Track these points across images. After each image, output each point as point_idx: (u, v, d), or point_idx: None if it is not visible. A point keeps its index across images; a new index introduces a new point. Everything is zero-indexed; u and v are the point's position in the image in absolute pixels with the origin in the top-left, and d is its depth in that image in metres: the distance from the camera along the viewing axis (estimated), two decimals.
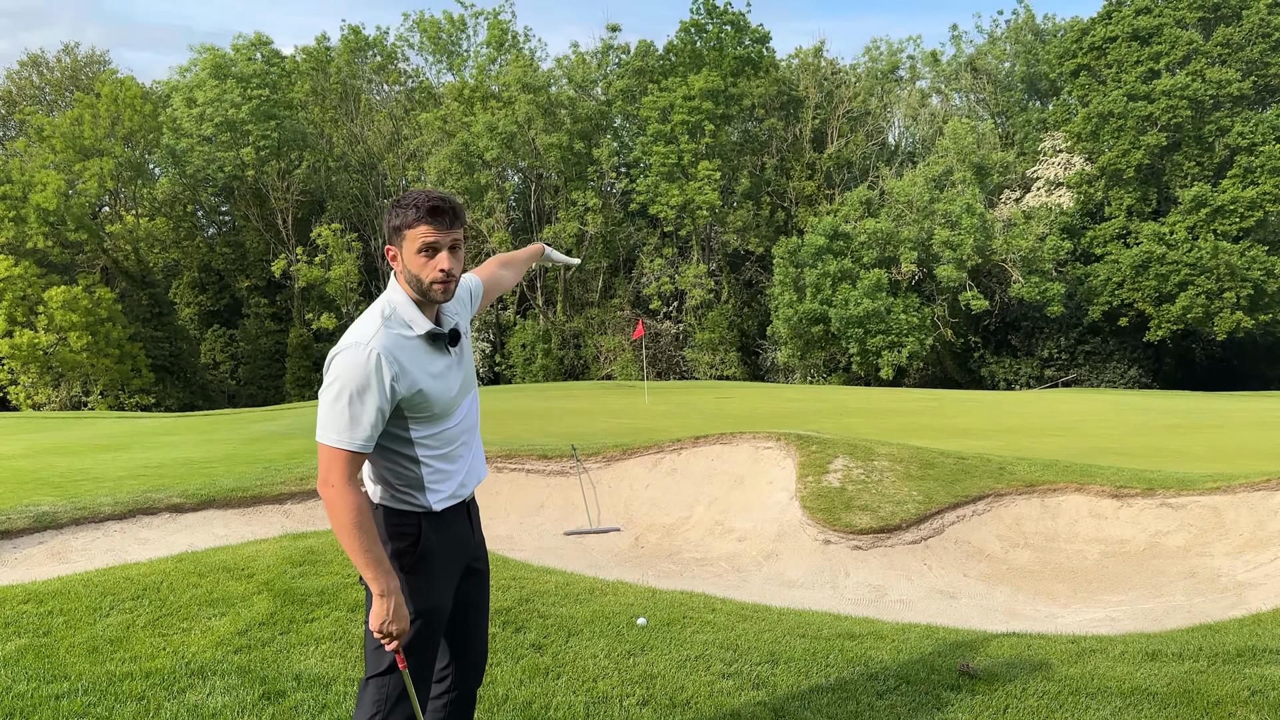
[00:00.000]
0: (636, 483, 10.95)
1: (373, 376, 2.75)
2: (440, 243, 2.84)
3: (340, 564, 6.27)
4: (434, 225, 2.83)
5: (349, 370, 2.75)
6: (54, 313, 40.98)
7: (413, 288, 2.89)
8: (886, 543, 8.78)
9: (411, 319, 2.88)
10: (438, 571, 2.98)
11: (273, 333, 52.16)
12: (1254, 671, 4.61)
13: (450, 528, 3.03)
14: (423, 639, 2.95)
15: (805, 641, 5.20)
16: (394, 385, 2.79)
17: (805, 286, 42.65)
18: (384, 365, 2.77)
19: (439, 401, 2.91)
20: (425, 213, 2.83)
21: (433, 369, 2.90)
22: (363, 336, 2.80)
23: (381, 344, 2.79)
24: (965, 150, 44.01)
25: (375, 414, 2.78)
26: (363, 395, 2.75)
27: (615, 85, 50.32)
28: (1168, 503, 9.11)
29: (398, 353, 2.81)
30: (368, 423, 2.77)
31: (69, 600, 5.50)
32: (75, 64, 54.90)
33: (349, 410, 2.75)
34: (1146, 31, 42.63)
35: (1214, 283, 38.89)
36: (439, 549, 2.99)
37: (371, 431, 2.79)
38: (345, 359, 2.77)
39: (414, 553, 2.93)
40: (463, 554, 3.10)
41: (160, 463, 11.69)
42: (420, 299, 2.90)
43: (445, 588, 3.01)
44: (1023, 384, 43.74)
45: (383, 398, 2.77)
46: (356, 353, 2.76)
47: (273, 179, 51.62)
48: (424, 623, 2.93)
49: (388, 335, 2.82)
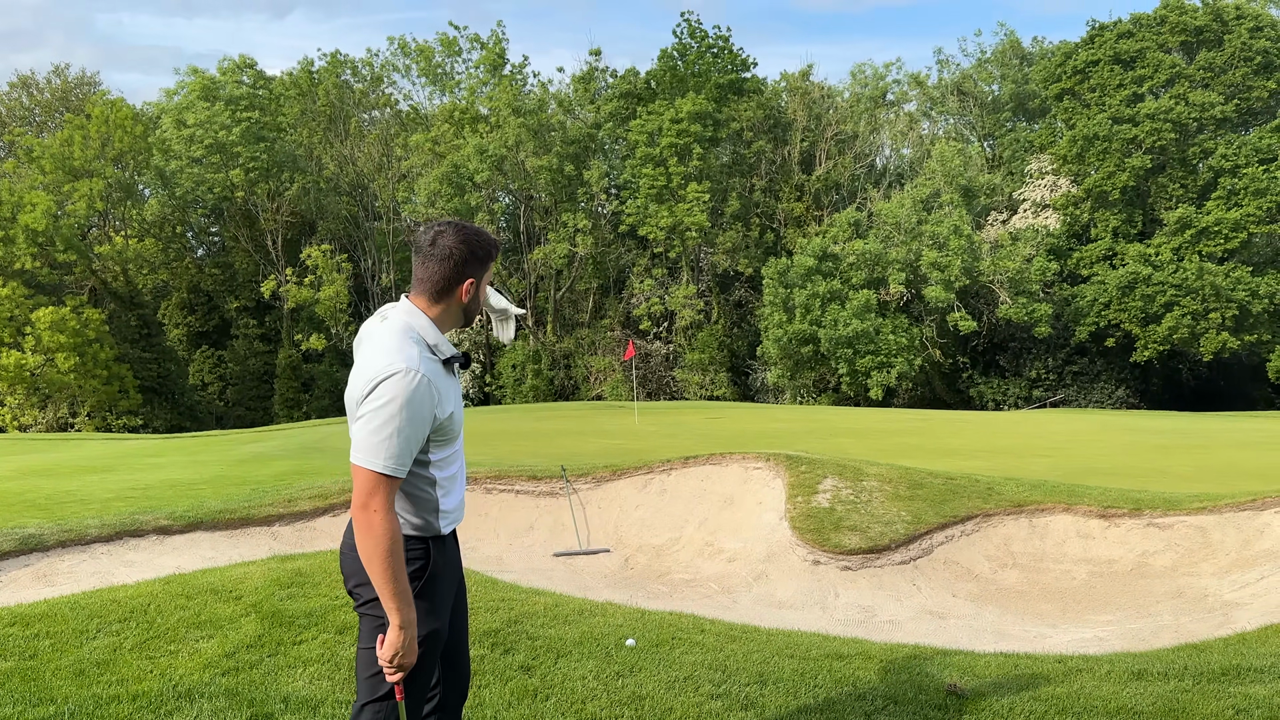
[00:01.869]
0: (626, 503, 10.95)
1: (425, 402, 2.80)
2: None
3: (328, 586, 6.25)
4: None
5: (403, 395, 2.76)
6: (41, 333, 40.74)
7: (466, 315, 3.07)
8: (875, 563, 8.80)
9: (437, 344, 2.96)
10: (442, 594, 3.04)
11: (261, 354, 51.96)
12: (1239, 691, 4.63)
13: (449, 552, 3.12)
14: (425, 664, 2.97)
15: (794, 662, 5.20)
16: (436, 412, 2.86)
17: (794, 307, 42.79)
18: (433, 391, 2.83)
19: (459, 424, 3.03)
20: (498, 250, 3.07)
21: (454, 393, 3.01)
22: (410, 362, 2.80)
23: (427, 370, 2.84)
24: (952, 172, 44.33)
25: (421, 439, 2.84)
26: (414, 421, 2.78)
27: (603, 109, 50.59)
28: (1155, 523, 9.16)
29: (438, 378, 2.89)
30: (415, 448, 2.82)
31: (55, 623, 5.47)
32: (65, 85, 54.91)
33: (399, 436, 2.76)
34: (1129, 55, 43.11)
35: (1199, 304, 39.18)
36: (443, 572, 3.05)
37: (411, 457, 2.83)
38: (396, 385, 2.76)
39: (423, 577, 2.96)
40: (457, 574, 3.19)
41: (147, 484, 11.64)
42: (448, 326, 3.05)
43: (446, 610, 3.07)
44: (1011, 404, 43.89)
45: (428, 423, 2.84)
46: (409, 379, 2.77)
47: (262, 200, 51.60)
48: (432, 645, 2.97)
49: (428, 360, 2.88)
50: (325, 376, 50.16)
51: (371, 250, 54.19)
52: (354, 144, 55.07)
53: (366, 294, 54.00)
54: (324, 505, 9.86)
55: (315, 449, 16.32)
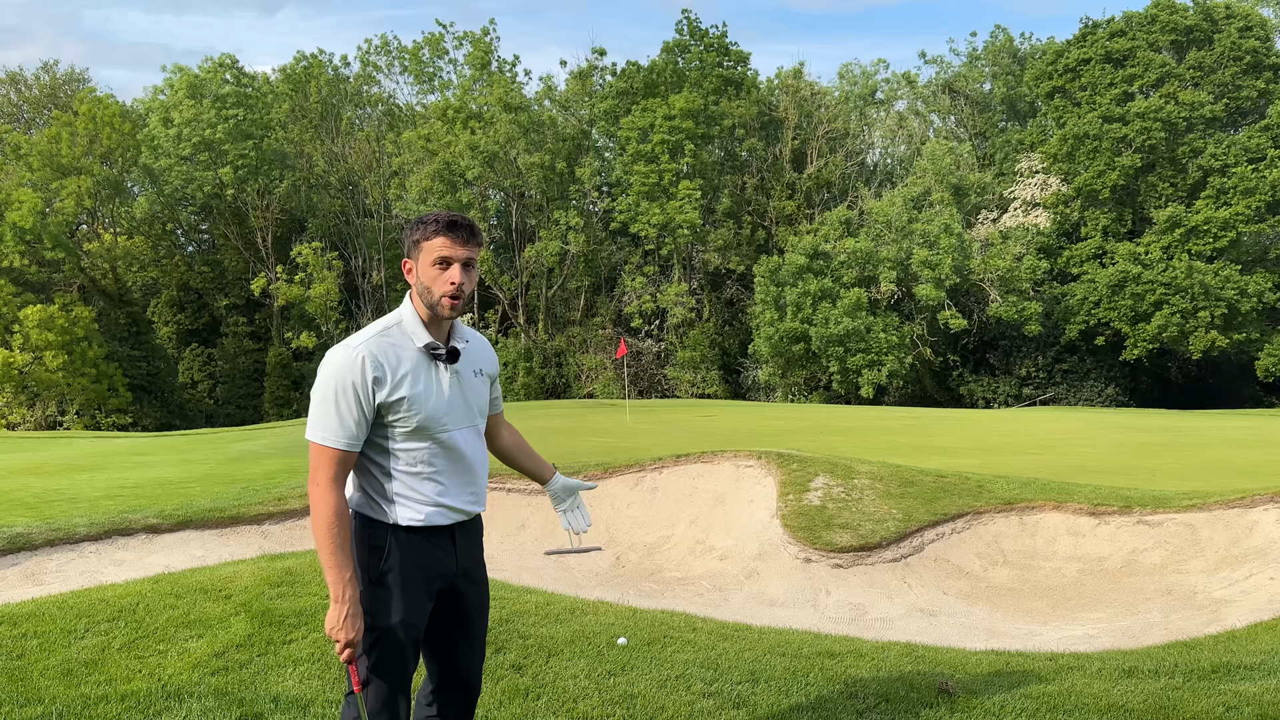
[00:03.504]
0: (618, 501, 10.94)
1: (355, 375, 2.85)
2: (454, 256, 2.94)
3: (319, 585, 6.23)
4: (450, 238, 2.94)
5: (334, 368, 2.88)
6: (30, 332, 40.54)
7: (424, 301, 2.98)
8: (867, 561, 8.81)
9: (414, 332, 2.97)
10: (404, 588, 2.94)
11: (251, 352, 51.77)
12: (1229, 688, 4.65)
13: (423, 548, 2.99)
14: (388, 657, 2.92)
15: (786, 660, 5.20)
16: (374, 387, 2.87)
17: (786, 305, 42.84)
18: (367, 366, 2.86)
19: (422, 414, 2.93)
20: (444, 226, 2.94)
21: (424, 382, 2.95)
22: (355, 339, 2.93)
23: (370, 347, 2.89)
24: (943, 171, 44.42)
25: (358, 413, 2.87)
26: (345, 393, 2.85)
27: (599, 106, 50.52)
28: (1145, 520, 9.19)
29: (386, 357, 2.90)
30: (351, 421, 2.87)
31: (43, 623, 5.44)
32: (54, 82, 54.61)
33: (335, 408, 2.86)
34: (1120, 54, 43.25)
35: (1189, 302, 39.35)
36: (407, 566, 2.96)
37: (357, 431, 2.88)
38: (333, 358, 2.91)
39: (378, 565, 2.94)
40: (437, 576, 3.04)
41: (137, 483, 11.59)
42: (430, 315, 2.99)
43: (412, 607, 2.96)
44: (1001, 402, 44.02)
45: (364, 397, 2.86)
46: (344, 352, 2.89)
47: (252, 198, 51.40)
48: (385, 640, 2.90)
49: (381, 341, 2.93)
50: (315, 375, 49.93)
51: (362, 248, 54.03)
52: (344, 141, 54.90)
53: (357, 292, 53.83)
54: None
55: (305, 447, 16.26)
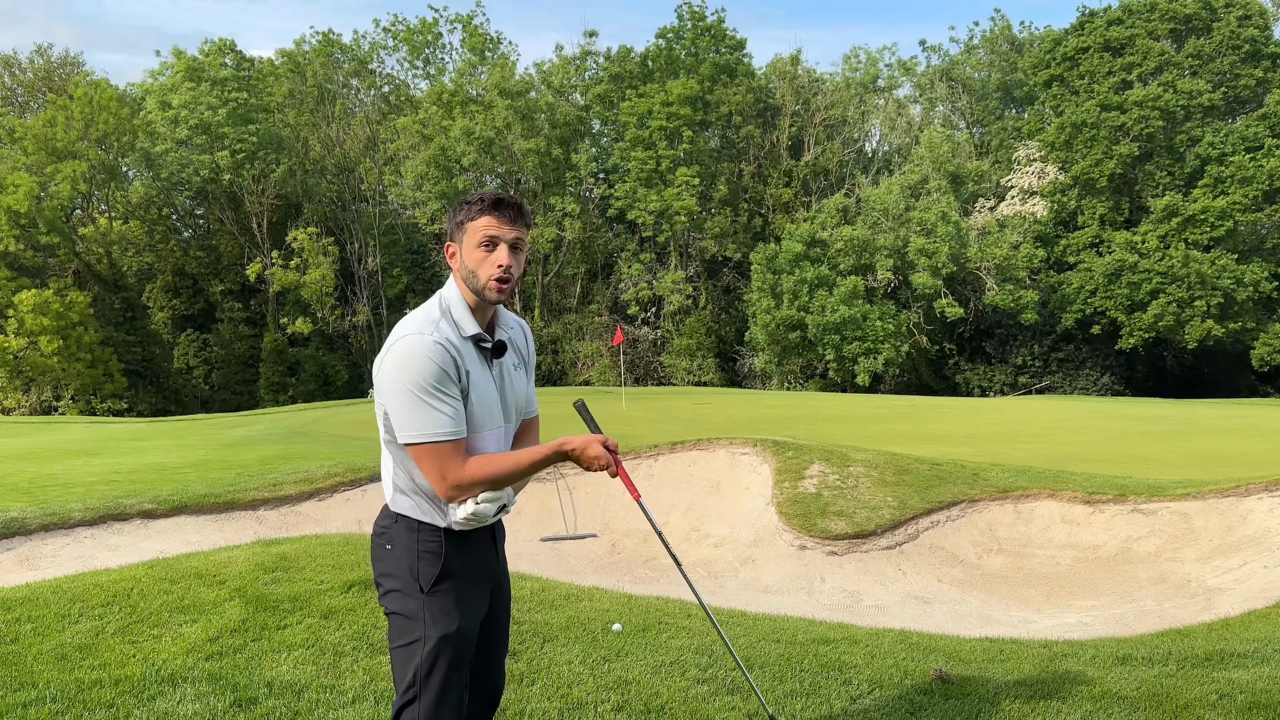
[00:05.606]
0: (613, 488, 10.94)
1: (446, 362, 2.67)
2: (501, 237, 2.76)
3: (313, 570, 6.22)
4: (497, 217, 2.76)
5: (420, 359, 2.65)
6: (24, 316, 40.43)
7: (469, 286, 2.79)
8: (862, 548, 8.83)
9: (461, 319, 2.79)
10: (463, 593, 2.84)
11: (247, 337, 51.67)
12: (1222, 675, 4.66)
13: (474, 549, 2.90)
14: (448, 665, 2.77)
15: (780, 647, 5.21)
16: (458, 376, 2.70)
17: (782, 293, 42.83)
18: (451, 353, 2.68)
19: (476, 409, 2.79)
20: (490, 205, 2.77)
21: (476, 375, 2.79)
22: (422, 327, 2.71)
23: (447, 334, 2.72)
24: (941, 159, 44.36)
25: (454, 396, 2.68)
26: (435, 380, 2.65)
27: (593, 91, 50.34)
28: (1139, 509, 9.21)
29: (459, 347, 2.73)
30: (450, 407, 2.67)
31: (37, 607, 5.43)
32: (48, 65, 54.28)
33: (433, 399, 2.65)
34: (1119, 43, 43.16)
35: (1185, 291, 39.39)
36: (464, 569, 2.85)
37: (455, 414, 2.68)
38: (406, 348, 2.67)
39: (436, 572, 2.79)
40: (488, 576, 2.98)
41: (132, 468, 11.57)
42: (475, 300, 2.81)
43: (470, 612, 2.86)
44: (997, 391, 44.08)
45: (454, 381, 2.68)
46: (419, 340, 2.66)
47: (248, 183, 51.21)
48: (451, 648, 2.77)
49: (449, 329, 2.74)
50: (311, 360, 49.93)
51: (358, 233, 53.88)
52: (340, 126, 54.68)
53: (353, 277, 53.72)
54: (309, 490, 9.83)
55: (301, 433, 16.26)
